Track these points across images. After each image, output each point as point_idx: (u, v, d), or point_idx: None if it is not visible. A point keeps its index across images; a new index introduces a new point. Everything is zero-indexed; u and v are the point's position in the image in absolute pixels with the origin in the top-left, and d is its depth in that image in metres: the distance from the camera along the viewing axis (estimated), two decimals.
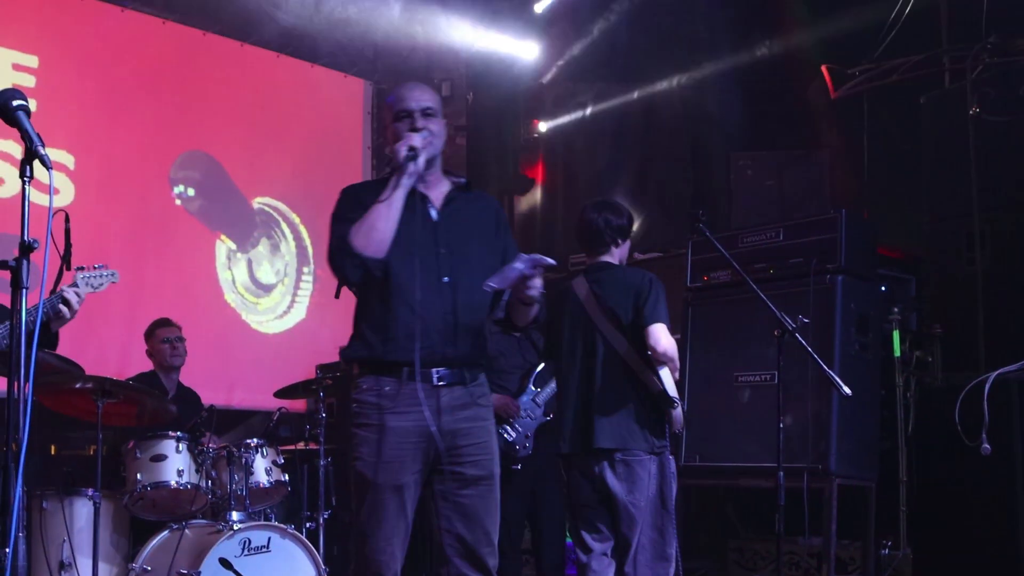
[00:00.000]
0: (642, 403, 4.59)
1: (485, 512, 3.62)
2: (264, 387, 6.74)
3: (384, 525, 3.53)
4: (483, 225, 3.80)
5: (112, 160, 7.65)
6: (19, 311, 2.75)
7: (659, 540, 4.59)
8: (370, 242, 3.52)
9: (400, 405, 3.54)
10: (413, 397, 3.53)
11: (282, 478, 5.88)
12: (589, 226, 4.83)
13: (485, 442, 3.66)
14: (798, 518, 5.21)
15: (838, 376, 4.58)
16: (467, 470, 3.60)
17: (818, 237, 5.90)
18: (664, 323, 4.55)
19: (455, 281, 3.62)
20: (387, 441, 3.53)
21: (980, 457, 5.14)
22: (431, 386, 3.57)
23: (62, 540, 5.40)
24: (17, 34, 7.27)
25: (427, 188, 3.72)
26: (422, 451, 3.56)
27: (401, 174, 3.54)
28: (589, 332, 4.72)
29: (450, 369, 3.60)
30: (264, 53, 8.60)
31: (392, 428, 3.54)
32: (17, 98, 2.88)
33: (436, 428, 3.53)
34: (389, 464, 3.52)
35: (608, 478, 4.60)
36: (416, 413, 3.53)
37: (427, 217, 3.68)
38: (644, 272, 4.84)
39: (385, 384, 3.57)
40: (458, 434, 3.60)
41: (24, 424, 2.66)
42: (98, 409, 5.27)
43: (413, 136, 3.57)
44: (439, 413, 3.56)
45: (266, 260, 8.51)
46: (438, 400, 3.57)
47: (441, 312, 3.58)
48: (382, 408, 3.55)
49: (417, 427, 3.54)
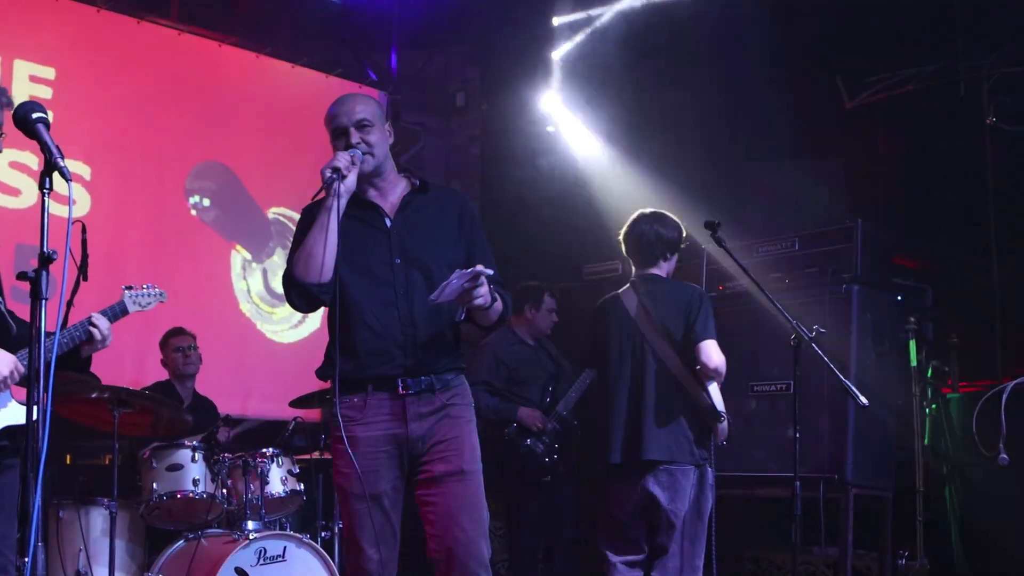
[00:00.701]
0: (689, 416, 4.65)
1: (459, 509, 3.58)
2: (279, 396, 6.74)
3: (366, 534, 3.56)
4: (443, 225, 3.76)
5: (128, 171, 7.68)
6: (38, 322, 2.76)
7: (690, 549, 4.65)
8: (309, 270, 3.54)
9: (367, 416, 3.58)
10: (380, 407, 3.58)
11: (297, 487, 5.87)
12: (640, 238, 4.85)
13: (455, 438, 3.63)
14: (814, 528, 5.20)
15: (854, 386, 4.57)
16: (435, 467, 3.59)
17: (834, 247, 5.90)
18: (714, 339, 4.59)
19: (411, 291, 3.61)
20: (358, 452, 3.54)
21: (998, 466, 5.13)
22: (396, 395, 3.58)
23: (78, 549, 5.41)
24: (34, 46, 7.30)
25: (380, 196, 3.73)
26: (395, 459, 3.60)
27: (327, 196, 3.53)
28: (639, 345, 4.76)
29: (414, 378, 3.59)
30: (280, 64, 8.63)
31: (362, 439, 3.57)
32: (37, 111, 2.89)
33: (406, 434, 3.57)
34: (364, 475, 3.53)
35: (651, 486, 4.64)
36: (383, 422, 3.58)
37: (379, 227, 3.68)
38: (693, 287, 4.89)
39: (354, 398, 3.60)
40: (427, 437, 3.60)
41: (43, 435, 2.67)
42: (114, 419, 5.27)
43: (339, 156, 3.55)
44: (406, 421, 3.58)
45: (281, 270, 8.51)
46: (404, 409, 3.58)
47: (399, 324, 3.59)
48: (352, 420, 3.58)
49: (386, 435, 3.58)
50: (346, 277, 3.58)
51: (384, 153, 3.71)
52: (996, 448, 5.32)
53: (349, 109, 3.67)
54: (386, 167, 3.73)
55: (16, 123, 2.92)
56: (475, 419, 3.76)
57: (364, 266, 3.62)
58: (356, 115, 3.64)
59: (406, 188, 3.77)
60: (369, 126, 3.65)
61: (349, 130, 3.63)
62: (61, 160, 2.80)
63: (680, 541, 4.66)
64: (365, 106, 3.71)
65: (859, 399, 4.46)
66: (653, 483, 4.64)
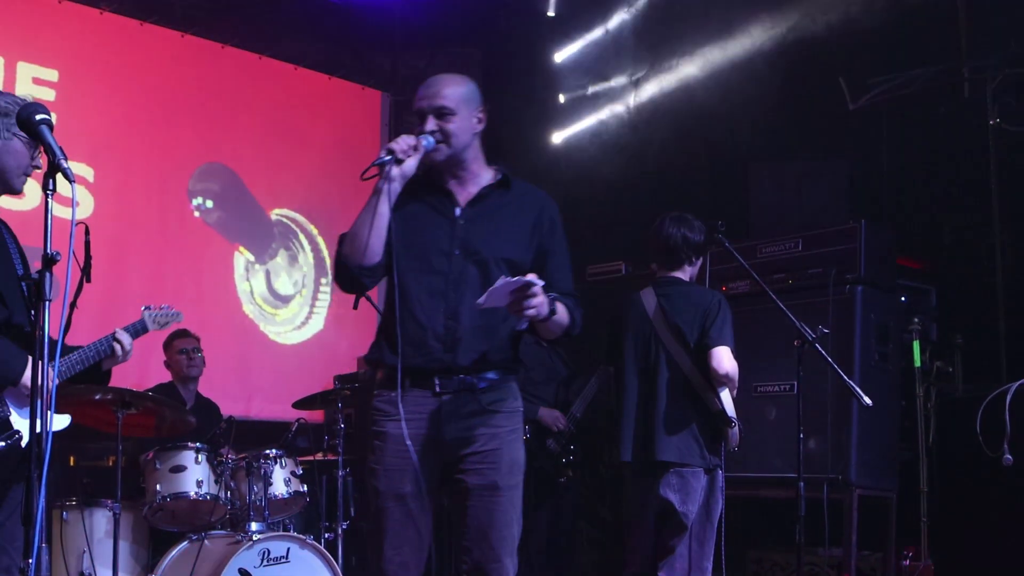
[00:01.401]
0: (701, 420, 4.66)
1: (489, 525, 3.42)
2: (282, 398, 6.75)
3: (389, 534, 3.41)
4: (515, 224, 3.55)
5: (131, 172, 7.69)
6: (41, 323, 2.75)
7: (699, 551, 4.66)
8: (354, 250, 3.39)
9: (405, 411, 3.38)
10: (416, 404, 3.41)
11: (301, 489, 5.88)
12: (667, 241, 4.84)
13: (493, 450, 3.44)
14: (818, 529, 5.19)
15: (858, 387, 4.56)
16: (469, 479, 3.43)
17: (838, 248, 5.90)
18: (729, 346, 4.60)
19: (462, 284, 3.43)
20: (387, 448, 3.41)
21: (1002, 467, 5.12)
22: (432, 394, 3.42)
23: (82, 551, 5.42)
24: (38, 48, 7.32)
25: (459, 185, 3.54)
26: (427, 461, 3.40)
27: (381, 179, 3.37)
28: (653, 346, 4.77)
29: (450, 377, 3.42)
30: (282, 66, 8.64)
31: (392, 435, 3.41)
32: (40, 112, 2.89)
33: (441, 436, 3.40)
34: (389, 472, 3.41)
35: (662, 488, 4.65)
36: (418, 420, 3.40)
37: (447, 216, 3.50)
38: (714, 292, 4.89)
39: (391, 392, 3.40)
40: (462, 443, 3.42)
41: (47, 437, 2.67)
42: (118, 420, 5.28)
43: (400, 138, 3.39)
44: (443, 422, 3.40)
45: (284, 271, 8.53)
46: (440, 409, 3.41)
47: (442, 316, 3.41)
48: (386, 415, 3.43)
49: (418, 435, 3.39)
50: (403, 262, 3.42)
51: (464, 143, 3.49)
52: (1000, 449, 5.30)
53: (433, 92, 3.48)
54: (467, 157, 3.53)
55: (20, 125, 2.93)
56: (521, 426, 3.58)
57: (422, 253, 3.45)
58: (438, 101, 3.45)
59: (489, 181, 3.58)
60: (450, 114, 3.44)
61: (427, 116, 3.45)
62: (65, 162, 2.79)
63: (689, 543, 4.66)
64: (452, 91, 3.49)
65: (863, 399, 4.45)
66: (665, 485, 4.65)
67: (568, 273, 3.62)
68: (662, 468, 4.65)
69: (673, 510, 4.63)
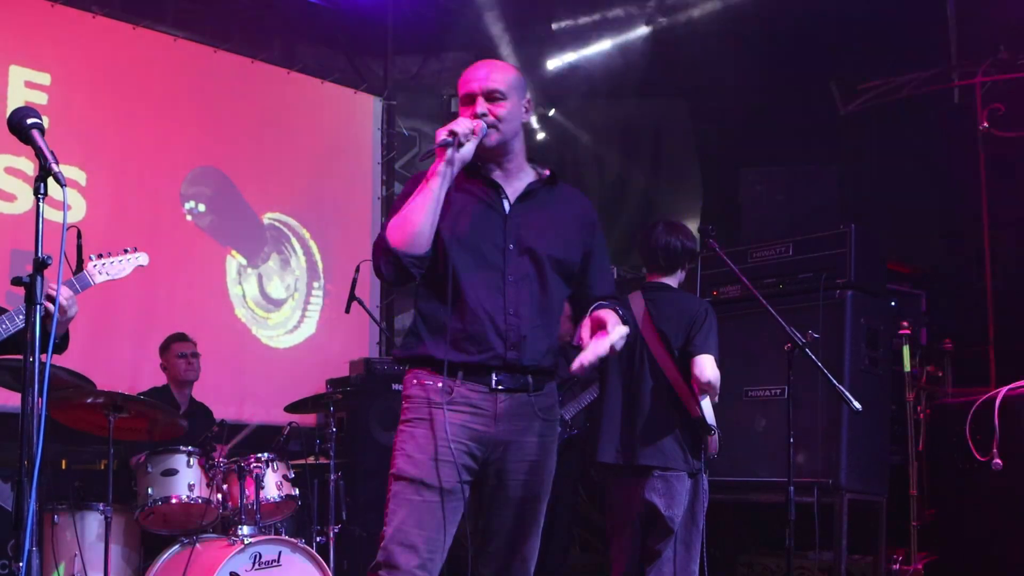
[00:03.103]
0: (683, 426, 4.66)
1: (524, 536, 3.33)
2: (274, 402, 6.75)
3: (418, 530, 3.17)
4: (564, 223, 3.44)
5: (123, 176, 7.69)
6: (33, 326, 2.76)
7: (685, 555, 4.67)
8: (405, 236, 3.19)
9: (453, 404, 3.23)
10: (468, 398, 3.25)
11: (292, 492, 5.88)
12: (664, 247, 4.84)
13: (539, 461, 3.34)
14: (808, 533, 5.21)
15: (848, 391, 4.58)
16: (512, 489, 3.31)
17: (828, 252, 5.92)
18: (712, 355, 4.59)
19: (520, 281, 3.31)
20: (437, 436, 3.20)
21: (991, 471, 5.15)
22: (489, 391, 3.26)
23: (73, 554, 5.41)
24: (30, 52, 7.32)
25: (505, 178, 3.40)
26: (471, 459, 3.26)
27: (439, 161, 3.20)
28: (638, 350, 4.77)
29: (511, 374, 3.28)
30: (274, 70, 8.65)
31: (439, 423, 3.21)
32: (31, 116, 2.89)
33: (491, 434, 3.26)
34: (439, 463, 3.19)
35: (647, 492, 4.66)
36: (469, 415, 3.24)
37: (498, 210, 3.36)
38: (701, 300, 4.91)
39: (438, 381, 3.25)
40: (511, 447, 3.30)
41: (38, 439, 2.68)
42: (109, 424, 5.28)
43: (458, 120, 3.24)
44: (495, 420, 3.26)
45: (276, 275, 8.53)
46: (495, 406, 3.26)
47: (503, 313, 3.26)
48: (432, 403, 3.24)
49: (468, 429, 3.25)
50: (453, 254, 3.25)
51: (514, 131, 3.37)
52: (989, 453, 5.33)
53: (483, 75, 3.35)
54: (515, 146, 3.41)
55: (11, 129, 2.93)
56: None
57: (474, 246, 3.28)
58: (489, 83, 3.32)
59: (534, 177, 3.45)
60: (501, 99, 3.31)
61: (477, 98, 3.31)
62: (56, 166, 2.79)
63: (675, 546, 4.68)
64: (502, 75, 3.36)
65: (852, 404, 4.47)
66: (649, 490, 4.66)
67: (610, 275, 3.59)
68: (646, 472, 4.65)
69: (659, 514, 4.64)
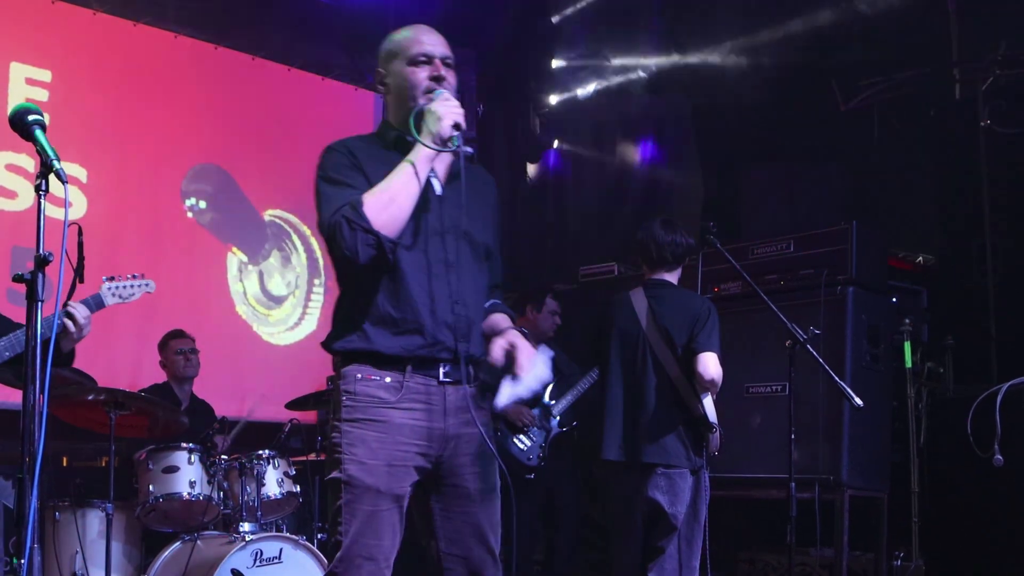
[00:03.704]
0: (685, 423, 4.67)
1: (490, 528, 3.16)
2: (276, 398, 6.75)
3: (380, 541, 3.01)
4: (485, 207, 3.30)
5: (124, 173, 7.69)
6: (34, 323, 2.76)
7: (687, 551, 4.69)
8: (390, 219, 2.97)
9: (403, 401, 3.04)
10: (416, 392, 3.06)
11: (294, 489, 5.88)
12: (670, 244, 4.85)
13: (486, 451, 3.15)
14: (810, 529, 5.21)
15: (849, 387, 4.59)
16: (470, 482, 3.13)
17: (829, 249, 5.92)
18: (715, 352, 4.60)
19: (460, 267, 3.14)
20: (388, 440, 3.01)
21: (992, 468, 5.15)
22: (437, 383, 3.08)
23: (75, 551, 5.42)
24: (31, 49, 7.32)
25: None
26: (424, 457, 3.08)
27: (441, 149, 3.01)
28: (641, 347, 4.78)
29: (455, 366, 3.09)
30: (275, 67, 8.65)
31: (396, 425, 3.02)
32: (33, 113, 2.89)
33: (442, 429, 3.08)
34: (393, 468, 3.01)
35: (651, 489, 4.67)
36: (421, 411, 3.06)
37: (432, 191, 3.13)
38: (704, 299, 4.93)
39: (385, 376, 3.05)
40: (460, 440, 3.12)
41: (39, 437, 2.68)
42: (111, 421, 5.28)
43: (455, 107, 3.03)
44: (444, 414, 3.08)
45: (277, 272, 8.53)
46: (444, 399, 3.08)
47: (448, 302, 3.08)
48: (383, 402, 3.04)
49: (422, 427, 3.06)
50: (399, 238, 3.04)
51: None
52: (991, 449, 5.32)
53: (438, 40, 3.16)
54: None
55: (12, 125, 2.93)
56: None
57: (413, 231, 3.07)
58: (446, 49, 3.15)
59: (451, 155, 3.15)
60: (450, 67, 3.16)
61: (436, 62, 3.12)
62: (57, 163, 2.79)
63: (678, 543, 4.69)
64: (448, 45, 3.19)
65: (854, 400, 4.47)
66: (653, 488, 4.66)
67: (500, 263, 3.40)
68: (649, 469, 4.66)
69: (662, 511, 4.65)
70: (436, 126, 3.00)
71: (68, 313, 3.64)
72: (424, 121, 3.04)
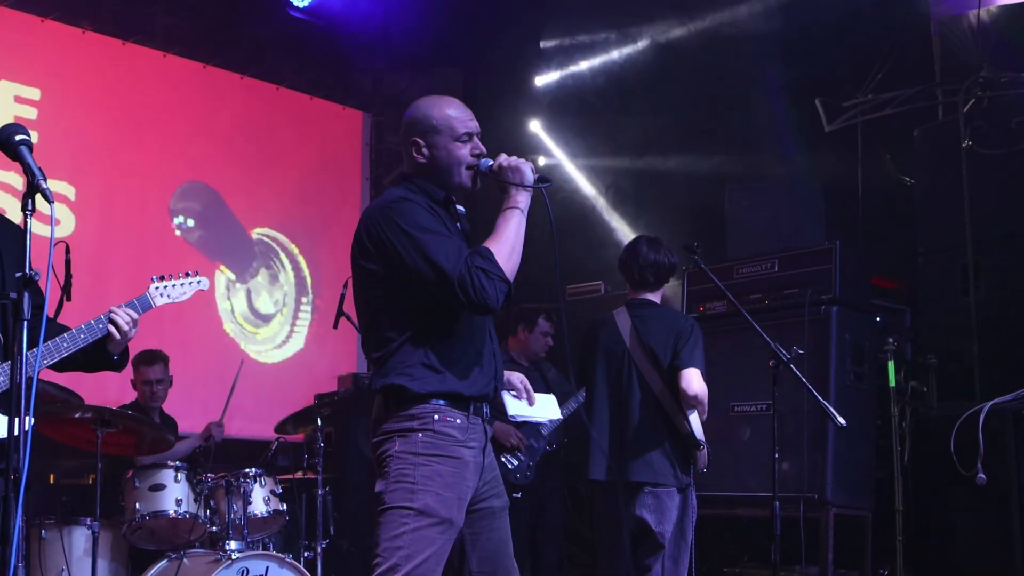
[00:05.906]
0: (672, 441, 4.70)
1: (507, 542, 3.45)
2: (263, 417, 6.76)
3: (439, 568, 3.21)
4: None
5: (112, 191, 7.71)
6: (19, 343, 2.77)
7: (673, 569, 4.71)
8: (514, 267, 3.28)
9: (470, 439, 3.29)
10: (474, 431, 3.31)
11: (280, 507, 5.88)
12: (653, 264, 4.88)
13: (498, 474, 3.48)
14: (795, 548, 5.22)
15: (833, 406, 4.61)
16: (494, 503, 3.42)
17: (813, 268, 5.95)
18: (699, 368, 4.63)
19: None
20: (460, 475, 3.25)
21: (976, 486, 5.17)
22: (482, 421, 3.37)
23: (61, 569, 5.41)
24: (20, 67, 7.34)
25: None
26: (472, 491, 3.34)
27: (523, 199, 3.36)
28: (626, 366, 4.81)
29: (490, 404, 3.42)
30: (263, 86, 8.68)
31: (466, 462, 3.28)
32: (20, 133, 2.92)
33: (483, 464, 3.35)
34: (461, 502, 3.26)
35: (638, 508, 4.68)
36: (478, 448, 3.32)
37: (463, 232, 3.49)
38: (687, 316, 4.97)
39: (458, 416, 3.28)
40: (489, 468, 3.42)
41: (24, 455, 2.68)
42: (97, 439, 5.28)
43: (517, 159, 3.39)
44: (484, 451, 3.37)
45: (265, 290, 8.54)
46: (485, 436, 3.38)
47: (490, 345, 3.41)
48: (456, 440, 3.26)
49: (480, 463, 3.34)
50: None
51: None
52: (974, 468, 5.35)
53: (472, 115, 3.50)
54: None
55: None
56: None
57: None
58: (477, 124, 3.50)
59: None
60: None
61: (475, 139, 3.47)
62: (44, 182, 2.81)
63: (663, 562, 4.71)
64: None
65: (837, 419, 4.49)
66: (640, 506, 4.68)
67: None
68: (636, 488, 4.68)
69: (649, 530, 4.67)
70: (518, 177, 3.35)
71: (111, 320, 3.58)
72: (500, 177, 3.38)
